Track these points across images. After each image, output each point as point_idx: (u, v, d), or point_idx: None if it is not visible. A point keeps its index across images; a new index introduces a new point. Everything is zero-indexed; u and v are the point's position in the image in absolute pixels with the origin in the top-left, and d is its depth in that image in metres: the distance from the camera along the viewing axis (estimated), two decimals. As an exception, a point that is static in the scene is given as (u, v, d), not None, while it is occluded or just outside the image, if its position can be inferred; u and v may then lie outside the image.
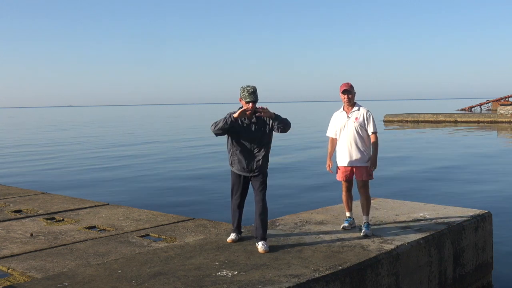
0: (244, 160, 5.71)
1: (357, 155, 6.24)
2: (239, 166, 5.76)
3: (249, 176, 5.80)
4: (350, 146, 6.25)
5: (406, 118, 56.40)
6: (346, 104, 6.34)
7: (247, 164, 5.71)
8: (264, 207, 5.75)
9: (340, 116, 6.42)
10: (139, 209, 8.42)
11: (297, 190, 14.99)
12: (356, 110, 6.31)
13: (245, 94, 5.61)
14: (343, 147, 6.32)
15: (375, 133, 6.28)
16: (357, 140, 6.24)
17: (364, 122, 6.26)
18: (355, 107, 6.34)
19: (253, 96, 5.59)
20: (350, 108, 6.34)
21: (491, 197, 13.37)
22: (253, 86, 5.66)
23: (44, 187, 14.13)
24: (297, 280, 4.60)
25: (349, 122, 6.29)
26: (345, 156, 6.30)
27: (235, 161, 5.79)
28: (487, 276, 7.18)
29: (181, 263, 5.20)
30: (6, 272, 5.32)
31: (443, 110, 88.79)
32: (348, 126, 6.28)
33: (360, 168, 6.26)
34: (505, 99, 79.66)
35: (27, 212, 8.15)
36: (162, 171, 19.88)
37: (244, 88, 5.64)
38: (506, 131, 40.15)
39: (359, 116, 6.27)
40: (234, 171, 5.85)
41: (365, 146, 6.28)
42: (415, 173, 17.78)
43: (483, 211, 7.14)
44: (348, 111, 6.35)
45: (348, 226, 6.39)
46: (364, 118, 6.26)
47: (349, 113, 6.33)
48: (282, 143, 29.47)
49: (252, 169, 5.73)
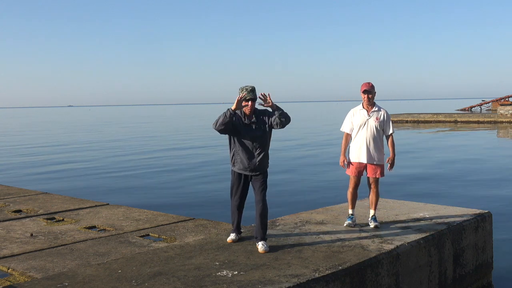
0: (245, 159, 5.75)
1: (374, 153, 6.45)
2: (241, 165, 5.79)
3: (250, 175, 5.82)
4: (368, 144, 6.44)
5: (406, 118, 56.42)
6: (366, 103, 6.52)
7: (248, 163, 5.75)
8: (265, 208, 5.76)
9: (360, 114, 6.56)
10: (139, 209, 8.41)
11: (297, 190, 14.98)
12: (377, 110, 6.53)
13: (244, 92, 5.68)
14: (361, 144, 6.48)
15: (392, 134, 6.57)
16: (376, 139, 6.46)
17: (383, 122, 6.52)
18: (375, 107, 6.55)
19: (252, 94, 5.68)
20: (370, 107, 6.53)
21: (491, 197, 13.37)
22: (251, 85, 5.75)
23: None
24: (297, 280, 4.60)
25: (370, 120, 6.48)
26: (362, 153, 6.46)
27: (237, 160, 5.82)
28: (487, 276, 7.18)
29: (181, 263, 5.20)
30: (6, 272, 5.31)
31: (443, 110, 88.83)
32: (369, 124, 6.48)
33: (375, 166, 6.47)
34: (505, 99, 79.66)
35: (27, 212, 8.15)
36: (162, 171, 19.88)
37: (242, 87, 5.73)
38: (506, 131, 40.14)
39: (380, 116, 6.51)
40: (235, 170, 5.87)
41: (381, 145, 6.52)
42: (415, 173, 17.77)
43: (483, 211, 7.14)
44: (369, 110, 6.53)
45: (352, 223, 6.52)
46: (384, 119, 6.52)
47: (370, 112, 6.52)
48: (282, 142, 29.48)
49: (254, 168, 5.76)
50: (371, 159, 6.46)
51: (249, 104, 5.68)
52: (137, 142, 35.97)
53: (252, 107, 5.72)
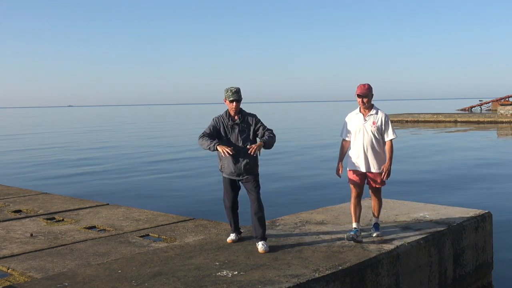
0: (232, 164, 5.71)
1: (372, 161, 5.95)
2: (228, 170, 5.78)
3: (238, 180, 5.81)
4: (366, 151, 5.94)
5: (406, 118, 56.43)
6: (361, 107, 6.03)
7: (234, 168, 5.72)
8: (260, 206, 5.74)
9: (356, 118, 6.07)
10: (139, 209, 8.42)
11: (297, 190, 14.98)
12: (374, 114, 5.99)
13: (229, 94, 5.74)
14: (358, 152, 5.99)
15: (391, 140, 5.99)
16: (374, 145, 5.93)
17: (381, 127, 5.96)
18: (373, 110, 6.01)
19: (236, 95, 5.72)
20: (367, 110, 6.01)
21: (491, 197, 13.37)
22: (236, 86, 5.80)
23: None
24: (297, 280, 4.60)
25: (366, 125, 5.97)
26: (360, 161, 5.98)
27: (224, 166, 5.81)
28: (487, 276, 7.18)
29: (181, 263, 5.20)
30: (6, 272, 5.32)
31: (443, 110, 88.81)
32: (365, 130, 5.96)
33: (375, 174, 6.00)
34: (505, 99, 79.67)
35: (27, 212, 8.15)
36: (162, 171, 19.88)
37: (227, 88, 5.78)
38: (506, 131, 40.14)
39: (377, 120, 5.96)
40: (224, 176, 5.88)
41: (381, 152, 5.99)
42: (415, 173, 17.77)
43: (483, 211, 7.14)
44: (365, 114, 6.01)
45: (354, 236, 5.78)
46: (382, 123, 5.96)
47: (366, 116, 6.00)
48: (282, 142, 29.47)
49: (241, 172, 5.73)
50: (370, 167, 5.97)
51: (234, 105, 5.71)
52: (137, 142, 35.96)
53: (237, 108, 5.74)
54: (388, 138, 5.98)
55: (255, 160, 5.79)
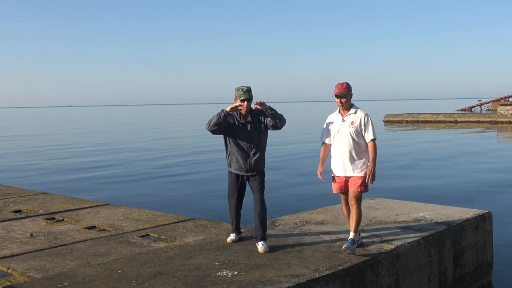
0: (241, 159, 5.76)
1: (351, 164, 5.56)
2: (237, 165, 5.81)
3: (247, 176, 5.83)
4: (344, 154, 5.58)
5: (406, 118, 56.41)
6: (340, 108, 5.68)
7: (244, 164, 5.76)
8: (263, 207, 5.76)
9: (335, 119, 5.73)
10: (139, 209, 8.42)
11: (297, 190, 14.98)
12: (353, 113, 5.62)
13: (240, 92, 5.73)
14: (337, 155, 5.65)
15: (373, 140, 5.56)
16: (352, 147, 5.54)
17: (361, 127, 5.55)
18: (352, 110, 5.64)
19: (248, 94, 5.71)
20: (346, 111, 5.64)
21: (491, 197, 13.37)
22: (247, 85, 5.80)
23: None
24: (297, 280, 4.60)
25: (343, 126, 5.60)
26: (339, 165, 5.64)
27: (233, 161, 5.83)
28: (487, 276, 7.18)
29: (181, 263, 5.20)
30: (6, 272, 5.32)
31: (443, 110, 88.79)
32: (343, 131, 5.59)
33: (355, 178, 5.57)
34: (505, 99, 79.67)
35: (27, 212, 8.15)
36: (162, 171, 19.88)
37: (238, 87, 5.77)
38: (506, 131, 40.14)
39: (356, 120, 5.57)
40: (232, 171, 5.88)
41: (361, 154, 5.58)
42: (415, 173, 17.77)
43: (483, 211, 7.14)
44: (344, 114, 5.65)
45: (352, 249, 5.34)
46: (361, 123, 5.56)
47: (344, 116, 5.64)
48: (283, 142, 29.47)
49: (250, 168, 5.77)
50: (349, 171, 5.57)
51: (245, 104, 5.71)
52: (138, 142, 35.97)
53: (248, 107, 5.74)
54: (368, 138, 5.56)
55: (263, 157, 5.86)
